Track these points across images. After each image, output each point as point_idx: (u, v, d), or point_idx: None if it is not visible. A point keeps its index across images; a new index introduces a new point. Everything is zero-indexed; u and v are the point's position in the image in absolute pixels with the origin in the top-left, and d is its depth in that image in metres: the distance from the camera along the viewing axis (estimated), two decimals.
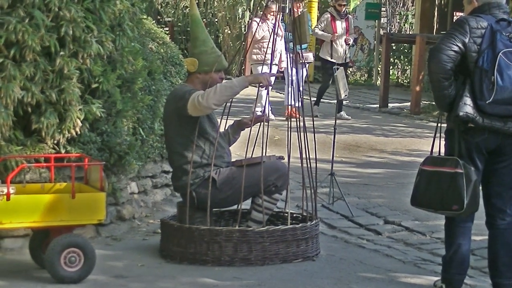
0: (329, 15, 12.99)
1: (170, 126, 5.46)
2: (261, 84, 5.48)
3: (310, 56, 12.66)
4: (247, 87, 5.44)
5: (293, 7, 9.80)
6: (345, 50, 12.86)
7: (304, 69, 10.39)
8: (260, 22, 11.68)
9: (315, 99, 12.72)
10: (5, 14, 5.05)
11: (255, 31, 11.36)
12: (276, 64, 11.32)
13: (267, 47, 9.49)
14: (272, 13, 11.74)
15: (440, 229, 5.58)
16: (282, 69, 11.98)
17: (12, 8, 5.08)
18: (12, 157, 5.15)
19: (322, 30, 12.98)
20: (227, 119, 5.74)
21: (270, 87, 6.06)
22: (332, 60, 12.67)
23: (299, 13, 9.66)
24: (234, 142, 5.80)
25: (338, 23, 12.84)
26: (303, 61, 5.93)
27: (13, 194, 4.53)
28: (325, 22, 12.96)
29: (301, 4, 12.32)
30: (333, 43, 12.85)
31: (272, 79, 7.45)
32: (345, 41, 12.77)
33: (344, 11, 13.01)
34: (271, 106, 10.53)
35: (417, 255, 5.82)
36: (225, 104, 5.64)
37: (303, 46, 10.45)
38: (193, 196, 5.35)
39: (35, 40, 5.08)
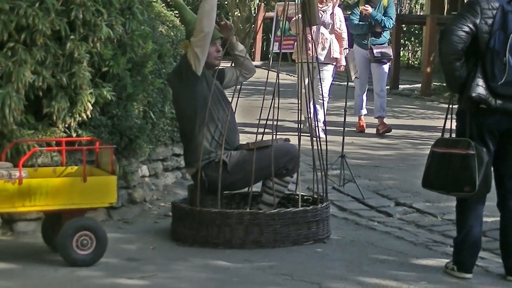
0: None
1: (179, 108, 5.46)
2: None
3: (388, 52, 10.02)
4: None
5: None
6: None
7: (386, 67, 10.00)
8: None
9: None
10: None
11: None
12: (333, 64, 9.50)
13: (319, 40, 9.15)
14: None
15: (451, 211, 5.57)
16: (341, 68, 9.46)
17: None
18: (23, 141, 5.16)
19: None
20: (237, 101, 5.72)
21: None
22: None
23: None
24: (244, 54, 5.71)
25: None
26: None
27: (25, 178, 4.54)
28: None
29: None
30: None
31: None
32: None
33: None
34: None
35: (428, 237, 5.81)
36: (235, 87, 5.65)
37: (381, 40, 9.87)
38: (204, 179, 5.35)
39: (45, 24, 5.08)
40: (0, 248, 5.03)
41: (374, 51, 9.66)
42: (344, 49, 9.01)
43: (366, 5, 9.80)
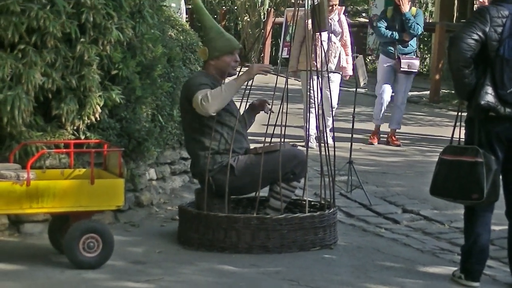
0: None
1: (186, 113, 5.46)
2: (263, 73, 5.41)
3: (416, 64, 9.82)
4: (238, 90, 5.40)
5: None
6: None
7: (410, 79, 9.83)
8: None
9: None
10: (27, 1, 5.06)
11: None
12: (338, 73, 9.33)
13: (331, 50, 9.04)
14: (332, 7, 9.23)
15: (459, 218, 5.56)
16: (347, 77, 9.50)
17: None
18: (32, 142, 5.17)
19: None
20: (246, 105, 5.72)
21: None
22: None
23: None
24: (250, 126, 5.79)
25: None
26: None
27: (33, 180, 4.55)
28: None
29: None
30: None
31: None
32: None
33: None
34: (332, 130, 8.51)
35: (436, 244, 5.80)
36: (243, 92, 5.66)
37: (408, 50, 9.67)
38: (211, 182, 5.35)
39: (56, 27, 5.09)
40: (7, 249, 5.03)
41: (402, 61, 9.50)
42: (354, 55, 8.97)
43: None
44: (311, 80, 5.80)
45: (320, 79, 5.66)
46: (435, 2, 17.97)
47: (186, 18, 12.02)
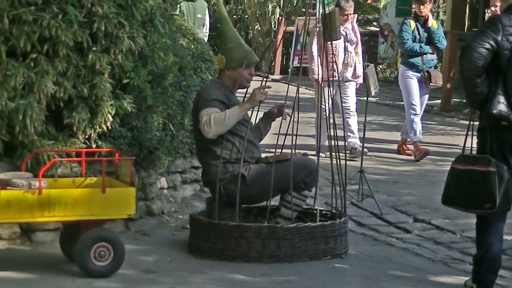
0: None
1: (197, 122, 5.47)
2: (261, 100, 5.42)
3: (439, 77, 9.68)
4: (242, 116, 5.39)
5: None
6: None
7: (429, 91, 9.63)
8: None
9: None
10: (39, 10, 5.09)
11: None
12: (353, 80, 9.27)
13: (347, 59, 9.02)
14: (347, 16, 9.08)
15: (470, 228, 5.53)
16: (358, 86, 9.37)
17: (46, 5, 5.13)
18: (44, 151, 5.18)
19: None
20: (257, 113, 5.71)
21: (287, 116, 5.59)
22: None
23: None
24: (266, 134, 5.78)
25: None
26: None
27: (45, 188, 4.56)
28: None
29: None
30: None
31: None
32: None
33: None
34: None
35: (447, 254, 5.77)
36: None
37: (433, 63, 9.58)
38: (222, 192, 5.35)
39: (68, 36, 5.11)
40: (18, 257, 5.04)
41: (432, 75, 9.30)
42: (365, 64, 8.94)
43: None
44: (329, 89, 5.78)
45: (332, 88, 5.66)
46: (446, 10, 17.91)
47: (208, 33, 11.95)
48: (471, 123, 4.78)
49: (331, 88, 5.65)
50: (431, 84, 9.40)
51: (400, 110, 14.38)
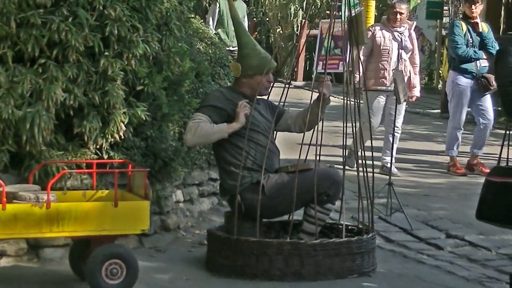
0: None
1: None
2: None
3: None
4: (226, 137, 5.37)
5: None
6: None
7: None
8: (380, 30, 9.03)
9: None
10: (48, 13, 5.11)
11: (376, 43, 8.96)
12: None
13: (400, 68, 8.86)
14: (399, 18, 8.97)
15: (507, 244, 5.49)
16: (414, 99, 9.28)
17: (56, 7, 5.14)
18: (52, 162, 5.19)
19: None
20: (275, 126, 5.66)
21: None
22: None
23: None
24: (321, 117, 5.59)
25: None
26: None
27: (53, 202, 4.56)
28: None
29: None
30: None
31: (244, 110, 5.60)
32: None
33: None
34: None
35: (482, 272, 5.73)
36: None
37: (486, 69, 9.15)
38: (240, 202, 5.32)
39: (78, 40, 5.12)
40: (26, 275, 5.05)
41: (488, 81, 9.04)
42: (393, 69, 8.84)
43: None
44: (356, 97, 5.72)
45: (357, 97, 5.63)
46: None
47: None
48: (507, 132, 4.74)
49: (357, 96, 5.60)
50: (491, 88, 9.12)
51: (431, 119, 14.36)
